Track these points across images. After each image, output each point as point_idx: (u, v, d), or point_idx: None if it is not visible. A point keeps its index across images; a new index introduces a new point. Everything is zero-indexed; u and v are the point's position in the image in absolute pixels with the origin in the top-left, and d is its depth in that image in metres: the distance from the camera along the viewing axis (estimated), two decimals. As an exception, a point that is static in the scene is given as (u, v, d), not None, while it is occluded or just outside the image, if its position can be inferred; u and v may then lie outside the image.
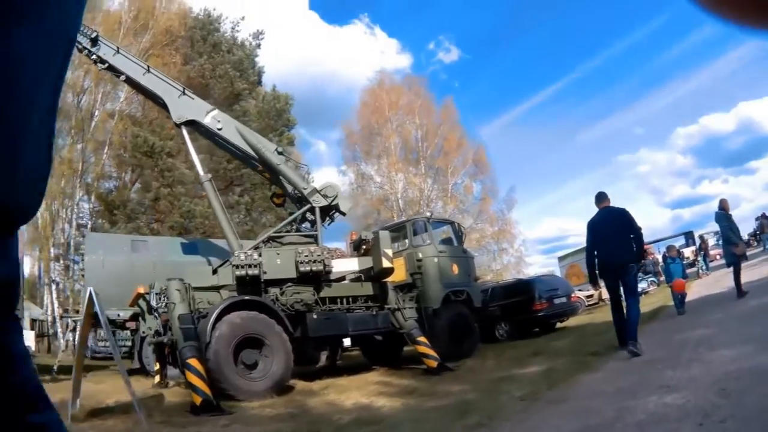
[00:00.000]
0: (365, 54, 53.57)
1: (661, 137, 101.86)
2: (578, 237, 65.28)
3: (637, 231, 6.04)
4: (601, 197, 6.32)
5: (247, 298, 6.75)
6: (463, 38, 72.39)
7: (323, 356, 10.05)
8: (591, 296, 17.68)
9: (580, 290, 18.58)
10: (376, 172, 26.83)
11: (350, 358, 11.27)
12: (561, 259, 29.21)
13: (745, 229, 34.73)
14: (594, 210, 6.47)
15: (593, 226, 6.25)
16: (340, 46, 55.05)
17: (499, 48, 78.25)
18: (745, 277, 8.49)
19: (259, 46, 22.46)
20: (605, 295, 10.07)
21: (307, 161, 32.71)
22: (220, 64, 20.01)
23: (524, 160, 74.56)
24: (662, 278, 16.55)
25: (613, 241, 5.98)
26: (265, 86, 21.89)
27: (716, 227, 9.99)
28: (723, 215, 8.62)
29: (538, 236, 76.25)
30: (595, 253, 6.22)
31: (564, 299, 12.15)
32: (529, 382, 5.09)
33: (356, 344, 9.86)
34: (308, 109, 50.12)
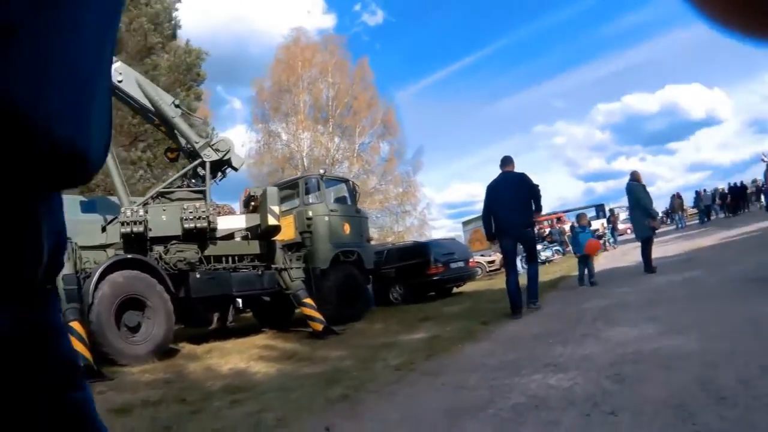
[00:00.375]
0: (291, 12, 54.22)
1: (581, 112, 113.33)
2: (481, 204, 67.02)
3: (535, 190, 6.46)
4: (506, 161, 6.71)
5: (129, 256, 6.57)
6: (390, 1, 71.55)
7: (215, 318, 9.93)
8: (492, 262, 18.10)
9: (482, 255, 19.37)
10: (284, 130, 26.97)
11: (245, 320, 11.14)
12: (465, 224, 30.05)
13: (659, 207, 41.01)
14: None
15: (492, 189, 6.62)
16: (267, 3, 53.85)
17: (426, 12, 79.91)
18: (655, 253, 8.62)
19: (179, -1, 20.76)
20: None
21: (221, 118, 33.56)
22: (136, 17, 18.60)
23: (441, 125, 79.82)
24: (568, 248, 17.22)
25: (512, 205, 6.39)
26: (181, 40, 20.78)
27: (626, 202, 9.92)
28: (639, 186, 8.61)
29: (446, 200, 78.41)
30: (493, 215, 6.57)
31: (461, 264, 12.34)
32: (411, 350, 5.03)
33: (247, 305, 9.87)
34: (230, 66, 48.51)
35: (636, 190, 8.52)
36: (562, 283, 9.97)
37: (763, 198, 30.37)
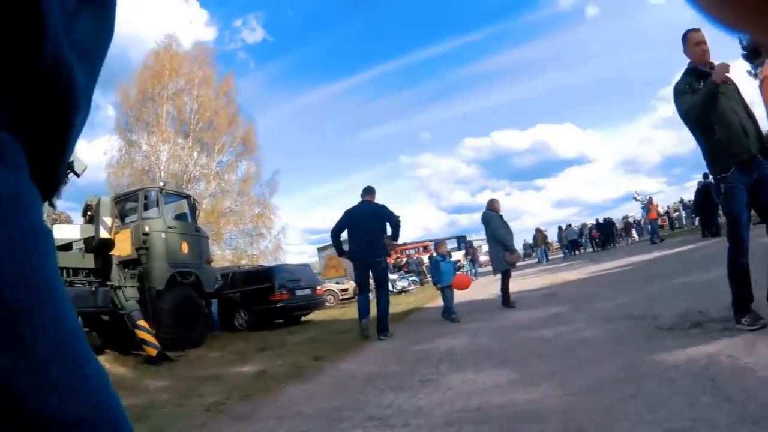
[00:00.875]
0: (174, 21, 52.96)
1: (449, 145, 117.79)
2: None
3: (393, 220, 7.19)
4: (367, 191, 7.42)
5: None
6: (272, 21, 78.21)
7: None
8: (345, 290, 18.47)
9: (336, 282, 20.05)
10: (145, 141, 26.78)
11: (90, 339, 9.46)
12: (320, 249, 31.16)
13: (521, 240, 45.44)
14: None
15: (349, 216, 7.27)
16: (150, 9, 51.79)
17: (305, 35, 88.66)
18: (519, 286, 8.50)
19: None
20: None
21: (94, 125, 34.40)
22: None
23: (308, 149, 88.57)
24: (427, 278, 17.50)
25: (367, 235, 7.04)
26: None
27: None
28: (496, 216, 8.52)
29: (309, 226, 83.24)
30: (349, 242, 7.37)
31: (307, 291, 12.58)
32: (232, 386, 4.91)
33: (87, 324, 9.20)
34: (107, 71, 45.28)
35: (492, 220, 8.44)
36: (414, 314, 9.83)
37: (635, 233, 34.81)
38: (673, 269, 9.00)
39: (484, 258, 31.96)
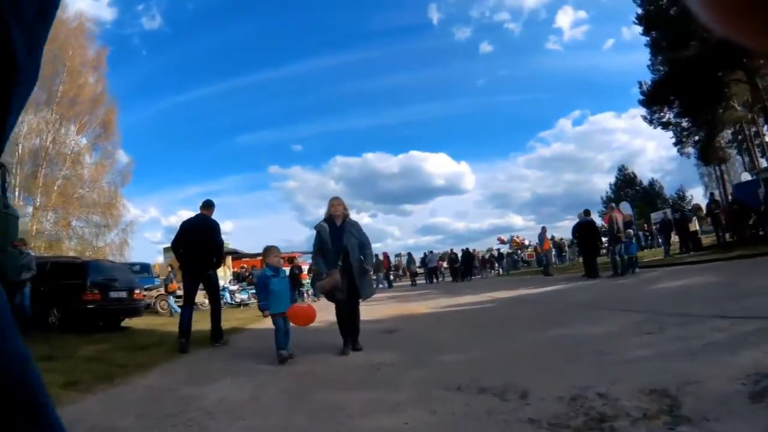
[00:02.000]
0: None
1: (319, 160, 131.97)
2: None
3: (219, 240, 8.34)
4: (207, 204, 8.33)
5: None
6: (171, 10, 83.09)
7: None
8: (181, 297, 17.11)
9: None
10: None
11: None
12: (166, 250, 30.85)
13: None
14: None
15: (185, 227, 8.07)
16: None
17: (199, 32, 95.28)
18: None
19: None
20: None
21: None
22: None
23: (181, 146, 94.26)
24: None
25: (199, 247, 7.92)
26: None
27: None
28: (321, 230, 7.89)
29: (174, 224, 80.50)
30: (182, 253, 8.03)
31: (123, 294, 12.37)
32: None
33: None
34: None
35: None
36: (232, 335, 9.08)
37: (496, 265, 37.40)
38: (546, 313, 8.10)
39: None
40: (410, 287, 27.83)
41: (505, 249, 43.18)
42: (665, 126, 31.25)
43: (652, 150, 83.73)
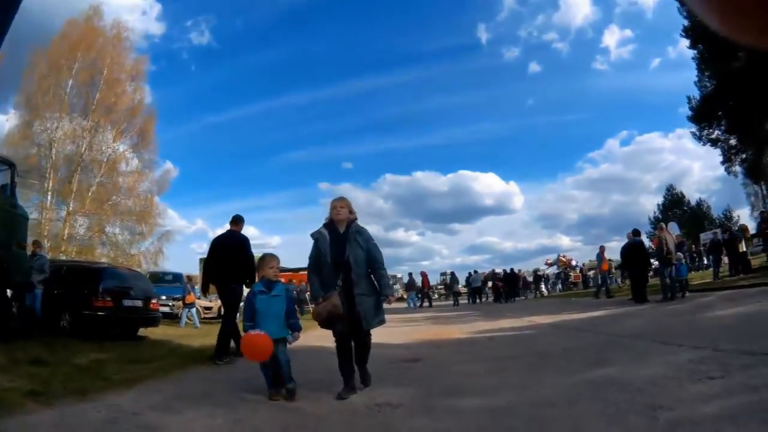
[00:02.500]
0: (129, 9, 55.27)
1: (368, 178, 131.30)
2: (256, 248, 78.22)
3: (249, 256, 8.28)
4: (236, 220, 8.57)
5: None
6: (220, 27, 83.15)
7: None
8: (210, 308, 18.99)
9: (199, 299, 19.57)
10: (48, 115, 27.66)
11: None
12: (201, 260, 30.86)
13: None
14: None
15: (216, 243, 8.40)
16: None
17: (248, 49, 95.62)
18: (384, 336, 6.57)
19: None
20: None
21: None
22: None
23: (229, 161, 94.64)
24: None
25: (231, 263, 8.05)
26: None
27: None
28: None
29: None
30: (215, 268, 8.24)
31: (138, 303, 11.97)
32: None
33: None
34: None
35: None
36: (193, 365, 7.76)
37: (543, 287, 36.19)
38: (589, 346, 7.12)
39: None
40: (452, 307, 26.92)
41: (551, 270, 41.91)
42: (714, 143, 29.66)
43: (698, 170, 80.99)
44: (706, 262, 24.84)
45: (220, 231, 9.06)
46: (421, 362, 7.11)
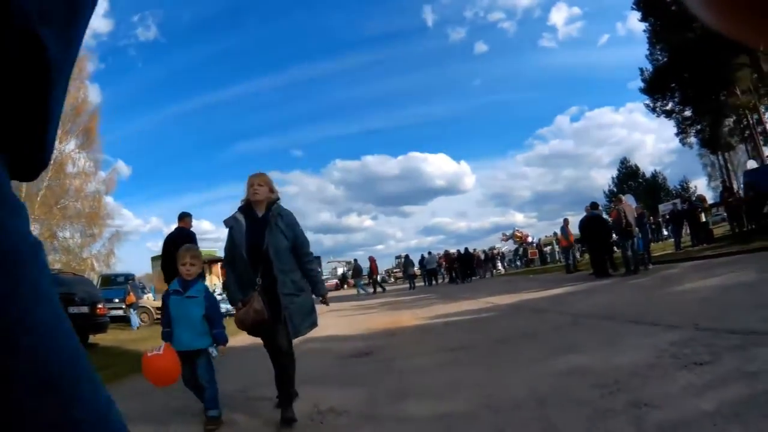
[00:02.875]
0: None
1: (318, 164, 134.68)
2: (210, 242, 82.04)
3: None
4: (181, 216, 8.72)
5: None
6: (167, 21, 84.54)
7: None
8: (160, 308, 16.28)
9: (150, 299, 19.62)
10: None
11: None
12: (154, 259, 30.85)
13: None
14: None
15: (168, 241, 8.30)
16: None
17: (194, 42, 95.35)
18: (334, 326, 5.59)
19: None
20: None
21: None
22: None
23: (179, 155, 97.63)
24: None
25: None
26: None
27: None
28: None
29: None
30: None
31: (84, 309, 11.36)
32: None
33: None
34: None
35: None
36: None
37: (499, 265, 36.21)
38: (554, 329, 6.44)
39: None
40: (408, 291, 26.23)
41: (507, 247, 41.81)
42: (668, 114, 29.85)
43: (651, 143, 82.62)
44: (666, 233, 24.75)
45: (174, 226, 8.82)
46: (372, 356, 6.41)
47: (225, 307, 17.23)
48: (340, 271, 55.83)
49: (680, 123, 30.23)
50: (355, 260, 32.22)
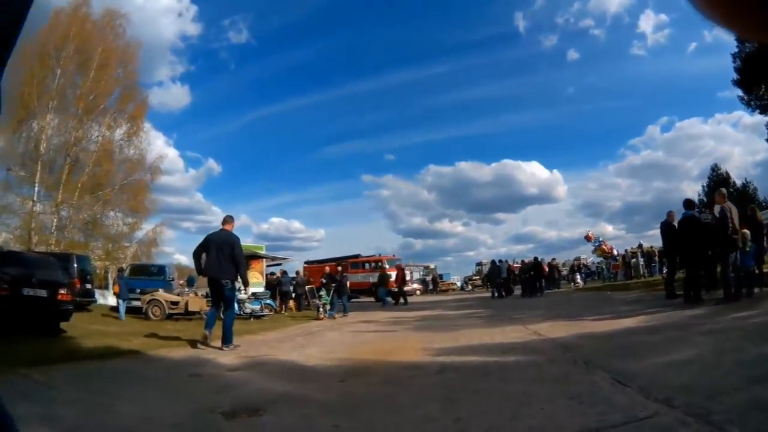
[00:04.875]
0: (164, 11, 63.47)
1: (412, 169, 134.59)
2: (300, 240, 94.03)
3: (238, 256, 8.82)
4: (225, 220, 9.08)
5: None
6: (258, 25, 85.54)
7: None
8: (176, 304, 16.44)
9: (179, 292, 18.18)
10: (36, 107, 25.99)
11: None
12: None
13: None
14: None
15: (208, 238, 8.85)
16: None
17: (286, 46, 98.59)
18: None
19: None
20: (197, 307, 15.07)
21: None
22: None
23: (272, 157, 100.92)
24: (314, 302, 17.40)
25: (218, 259, 8.61)
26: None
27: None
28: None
29: (263, 232, 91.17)
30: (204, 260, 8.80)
31: (42, 293, 9.97)
32: None
33: None
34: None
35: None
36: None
37: (578, 277, 32.24)
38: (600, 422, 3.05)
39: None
40: (469, 303, 22.47)
41: (592, 259, 37.57)
42: (764, 110, 25.28)
43: (738, 156, 75.97)
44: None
45: (265, 226, 8.61)
46: (267, 417, 3.76)
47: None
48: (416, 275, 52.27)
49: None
50: (382, 267, 28.04)
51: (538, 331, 8.42)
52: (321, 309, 16.31)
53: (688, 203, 10.60)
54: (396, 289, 24.42)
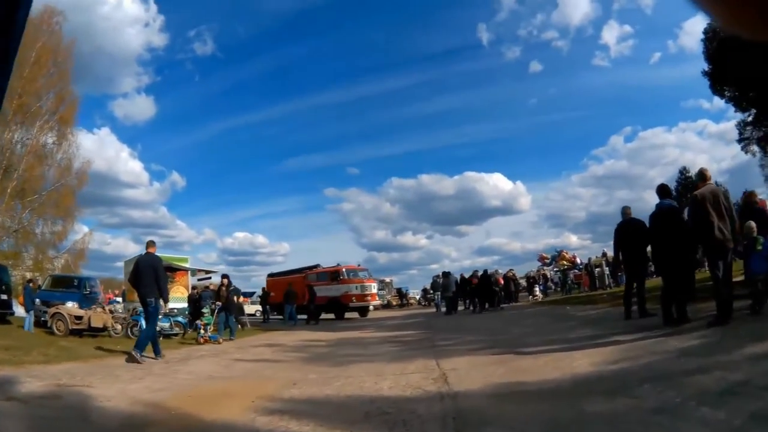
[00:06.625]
0: (131, 21, 64.02)
1: (375, 183, 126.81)
2: (264, 255, 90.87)
3: (160, 277, 9.21)
4: (149, 244, 9.56)
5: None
6: (223, 36, 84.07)
7: None
8: (80, 318, 14.59)
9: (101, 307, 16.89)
10: None
11: None
12: (127, 263, 27.28)
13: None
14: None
15: (137, 262, 9.39)
16: (111, 7, 62.35)
17: (250, 57, 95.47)
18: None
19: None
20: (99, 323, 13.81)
21: None
22: None
23: (234, 170, 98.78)
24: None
25: (144, 281, 9.05)
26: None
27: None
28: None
29: (227, 247, 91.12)
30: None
31: None
32: None
33: None
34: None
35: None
36: None
37: (537, 289, 29.72)
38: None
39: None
40: (398, 322, 19.83)
41: (552, 270, 34.62)
42: (731, 100, 24.49)
43: (704, 163, 75.55)
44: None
45: (229, 240, 7.66)
46: None
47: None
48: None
49: (742, 129, 25.66)
50: (290, 284, 24.44)
51: (447, 374, 5.48)
52: (202, 330, 13.14)
53: (663, 190, 7.55)
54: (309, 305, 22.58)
